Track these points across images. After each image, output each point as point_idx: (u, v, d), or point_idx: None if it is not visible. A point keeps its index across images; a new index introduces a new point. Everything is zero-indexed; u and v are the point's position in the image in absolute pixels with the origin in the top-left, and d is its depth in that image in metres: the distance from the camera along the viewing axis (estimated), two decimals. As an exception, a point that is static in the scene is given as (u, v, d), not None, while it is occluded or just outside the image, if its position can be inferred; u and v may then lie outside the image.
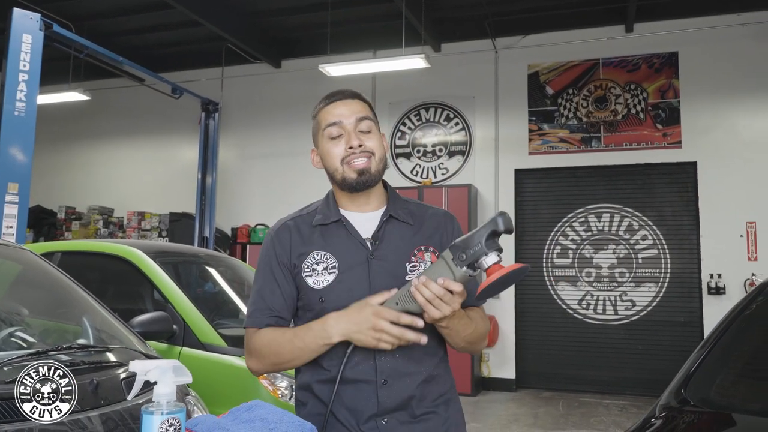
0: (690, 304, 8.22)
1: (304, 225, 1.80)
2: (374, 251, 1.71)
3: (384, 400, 1.64)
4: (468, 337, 1.68)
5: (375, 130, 1.78)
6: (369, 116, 1.78)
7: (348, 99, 1.79)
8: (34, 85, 5.90)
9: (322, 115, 1.80)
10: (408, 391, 1.65)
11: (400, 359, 1.66)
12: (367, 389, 1.64)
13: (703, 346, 2.12)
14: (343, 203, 1.82)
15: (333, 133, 1.75)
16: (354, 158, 1.72)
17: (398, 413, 1.65)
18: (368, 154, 1.73)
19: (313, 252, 1.73)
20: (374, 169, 1.74)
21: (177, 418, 1.11)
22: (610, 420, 6.96)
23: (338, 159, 1.74)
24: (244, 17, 9.32)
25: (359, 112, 1.76)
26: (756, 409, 1.87)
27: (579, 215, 8.82)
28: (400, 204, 1.82)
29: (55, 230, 10.85)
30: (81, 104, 10.35)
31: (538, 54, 9.06)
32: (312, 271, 1.71)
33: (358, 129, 1.74)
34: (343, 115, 1.75)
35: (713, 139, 8.27)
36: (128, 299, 4.36)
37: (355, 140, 1.72)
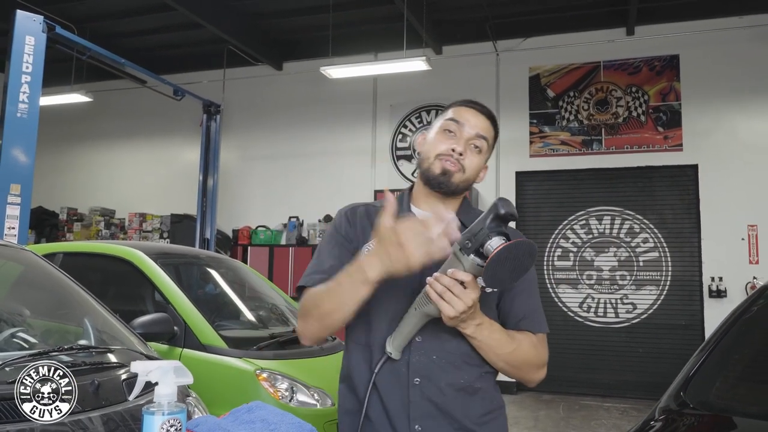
0: (691, 307, 8.22)
1: (374, 213, 1.78)
2: None
3: (415, 401, 1.61)
4: (506, 357, 1.63)
5: (483, 155, 1.76)
6: (488, 140, 1.76)
7: (484, 116, 1.77)
8: (36, 87, 5.91)
9: (453, 110, 1.78)
10: (442, 397, 1.62)
11: (437, 361, 1.63)
12: (399, 388, 1.62)
13: (702, 349, 2.12)
14: (417, 201, 1.80)
15: (449, 127, 1.74)
16: (447, 159, 1.70)
17: (434, 422, 1.61)
18: (460, 166, 1.71)
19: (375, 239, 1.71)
20: (457, 179, 1.71)
21: (178, 418, 1.12)
22: (610, 423, 6.96)
23: (436, 151, 1.73)
24: (246, 19, 9.34)
25: (484, 130, 1.75)
26: (755, 413, 1.87)
27: (580, 218, 8.82)
28: (472, 213, 1.79)
29: (56, 231, 10.86)
30: (83, 106, 10.37)
31: (539, 56, 9.06)
32: None
33: (471, 142, 1.73)
34: (469, 122, 1.74)
35: (714, 141, 8.27)
36: (129, 300, 4.36)
37: (460, 146, 1.70)
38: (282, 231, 9.84)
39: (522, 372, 1.68)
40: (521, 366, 1.67)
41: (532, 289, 1.75)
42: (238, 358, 3.70)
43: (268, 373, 3.62)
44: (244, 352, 3.74)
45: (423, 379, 1.62)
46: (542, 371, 1.71)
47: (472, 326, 1.55)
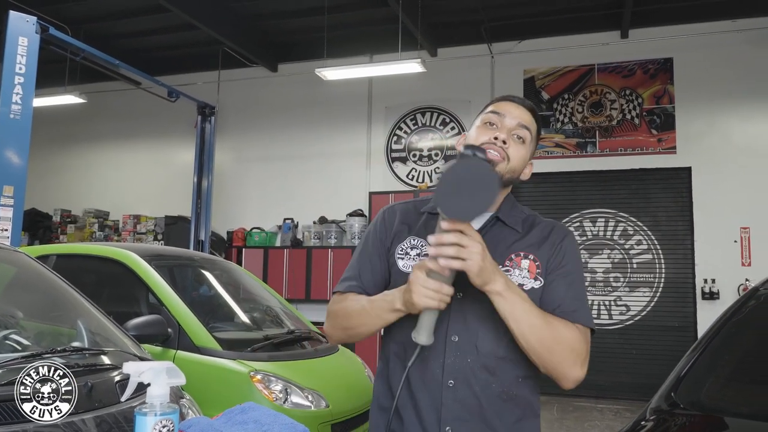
0: (684, 309, 8.24)
1: (413, 210, 1.79)
2: None
3: (448, 403, 1.58)
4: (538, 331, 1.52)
5: (528, 147, 1.71)
6: (530, 131, 1.71)
7: (523, 106, 1.74)
8: (29, 88, 5.90)
9: (494, 105, 1.75)
10: (476, 401, 1.58)
11: (472, 364, 1.59)
12: (432, 389, 1.60)
13: (693, 350, 2.13)
14: None
15: (490, 119, 1.71)
16: (490, 147, 1.64)
17: (465, 426, 1.58)
18: (504, 154, 1.66)
19: (411, 237, 1.72)
20: (501, 168, 1.65)
21: (170, 419, 1.12)
22: (604, 424, 6.98)
23: (478, 143, 1.66)
24: (241, 21, 9.33)
25: (525, 120, 1.71)
26: (745, 413, 1.88)
27: (574, 220, 8.84)
28: (514, 211, 1.76)
29: (50, 233, 10.83)
30: (77, 107, 10.35)
31: (534, 59, 9.09)
32: (405, 254, 1.70)
33: (514, 132, 1.69)
34: (510, 112, 1.70)
35: (708, 144, 8.30)
36: (123, 302, 4.36)
37: (503, 134, 1.66)
38: (277, 233, 9.83)
39: (556, 358, 1.58)
40: (555, 348, 1.56)
41: (575, 278, 1.67)
42: (233, 360, 3.70)
43: (263, 375, 3.62)
44: (238, 354, 3.74)
45: (457, 382, 1.59)
46: (581, 368, 1.63)
47: (500, 281, 1.47)
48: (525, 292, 1.56)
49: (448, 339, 1.60)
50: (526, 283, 1.63)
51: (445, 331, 1.59)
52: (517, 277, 1.62)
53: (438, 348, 1.59)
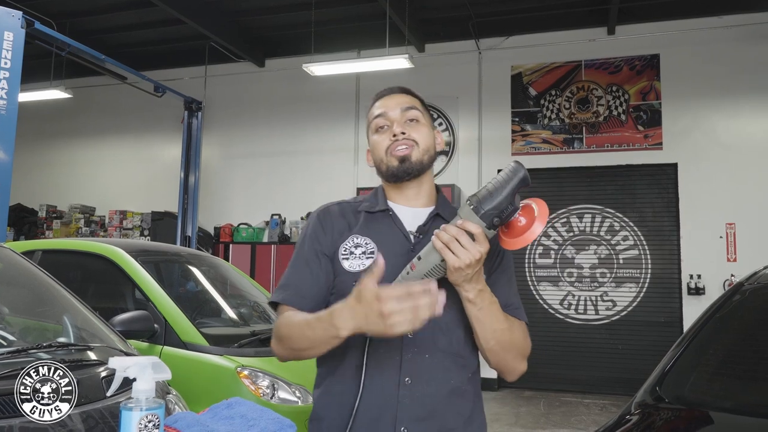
0: (670, 304, 8.30)
1: (348, 209, 1.75)
2: (416, 245, 1.64)
3: (405, 402, 1.55)
4: (501, 335, 1.56)
5: (424, 121, 1.74)
6: (417, 107, 1.74)
7: (395, 93, 1.77)
8: (15, 83, 5.85)
9: (371, 112, 1.77)
10: (432, 399, 1.57)
11: (429, 360, 1.57)
12: (388, 388, 1.55)
13: (678, 345, 2.15)
14: (392, 196, 1.76)
15: (379, 123, 1.72)
16: (396, 145, 1.67)
17: (420, 425, 1.55)
18: (411, 142, 1.67)
19: (353, 235, 1.67)
20: (415, 157, 1.67)
21: (156, 414, 1.12)
22: (590, 419, 7.02)
23: (383, 149, 1.69)
24: (228, 16, 9.29)
25: (406, 102, 1.74)
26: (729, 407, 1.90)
27: (561, 216, 8.88)
28: (449, 207, 1.76)
29: (35, 229, 10.77)
30: (63, 102, 10.28)
31: (521, 55, 9.11)
32: (350, 254, 1.65)
33: (406, 118, 1.71)
34: (388, 107, 1.72)
35: (694, 140, 8.36)
36: (109, 298, 4.34)
37: (398, 128, 1.68)
38: (264, 228, 9.81)
39: (509, 356, 1.62)
40: (510, 348, 1.60)
41: (512, 279, 1.72)
42: (219, 356, 3.69)
43: (249, 371, 3.62)
44: (225, 350, 3.74)
45: (414, 379, 1.56)
46: (525, 362, 1.67)
47: (475, 289, 1.49)
48: None
49: (405, 336, 1.55)
50: None
51: None
52: None
53: (395, 345, 1.56)
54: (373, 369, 1.56)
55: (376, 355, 1.55)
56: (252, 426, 1.36)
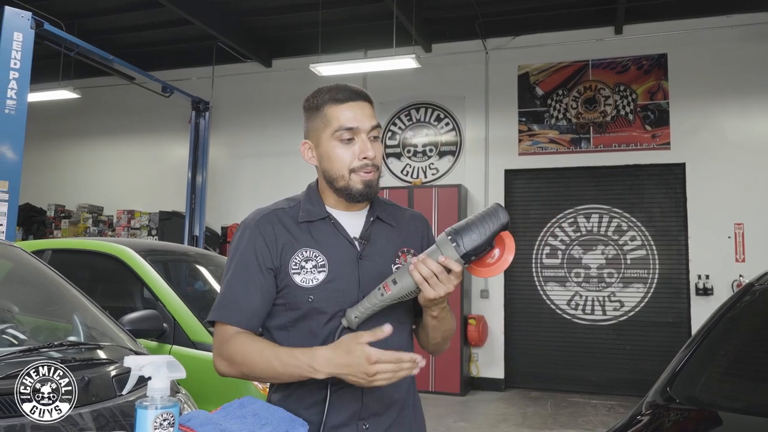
0: (678, 304, 8.27)
1: (288, 219, 1.68)
2: (362, 251, 1.65)
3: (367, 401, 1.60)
4: (447, 333, 1.71)
5: (380, 137, 1.72)
6: (379, 124, 1.71)
7: (362, 101, 1.70)
8: (24, 83, 5.89)
9: (333, 113, 1.68)
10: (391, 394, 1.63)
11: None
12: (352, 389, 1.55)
13: (689, 346, 2.15)
14: (328, 200, 1.73)
15: (344, 136, 1.65)
16: (365, 169, 1.64)
17: (378, 419, 1.62)
18: (375, 167, 1.66)
19: (302, 249, 1.63)
20: (376, 181, 1.68)
21: (171, 412, 1.13)
22: (597, 420, 7.01)
23: (346, 167, 1.64)
24: (235, 16, 9.31)
25: (372, 119, 1.68)
26: (740, 408, 1.90)
27: (568, 216, 8.86)
28: (382, 205, 1.78)
29: (44, 228, 10.81)
30: (71, 102, 10.32)
31: (528, 55, 9.10)
32: (300, 268, 1.61)
33: (372, 136, 1.67)
34: (360, 121, 1.65)
35: (702, 140, 8.33)
36: (118, 297, 4.36)
37: (371, 151, 1.64)
38: (271, 228, 9.80)
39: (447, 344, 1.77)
40: (449, 337, 1.75)
41: None
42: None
43: (258, 370, 3.62)
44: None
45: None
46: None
47: (439, 308, 1.58)
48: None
49: None
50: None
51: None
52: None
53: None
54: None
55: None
56: (264, 425, 1.37)
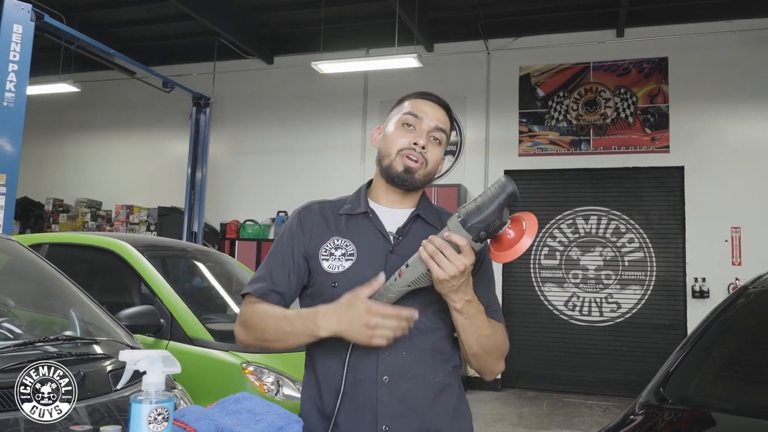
0: (674, 307, 8.29)
1: (330, 211, 1.76)
2: (395, 246, 1.66)
3: (384, 400, 1.55)
4: (485, 341, 1.60)
5: (443, 147, 1.75)
6: (446, 132, 1.74)
7: (441, 106, 1.75)
8: (23, 76, 5.88)
9: (410, 103, 1.75)
10: (412, 395, 1.57)
11: (407, 357, 1.58)
12: (367, 387, 1.56)
13: (683, 347, 2.16)
14: (376, 196, 1.79)
15: (409, 121, 1.71)
16: (411, 154, 1.68)
17: (402, 421, 1.56)
18: (424, 160, 1.68)
19: (334, 237, 1.69)
20: (419, 175, 1.69)
21: (166, 407, 1.13)
22: (593, 420, 7.02)
23: (397, 147, 1.70)
24: (237, 12, 9.31)
25: (442, 122, 1.73)
26: (732, 408, 1.91)
27: (567, 217, 8.87)
28: (431, 208, 1.78)
29: (42, 222, 10.80)
30: (71, 96, 10.31)
31: (530, 56, 9.10)
32: (329, 255, 1.67)
33: (431, 134, 1.70)
34: (427, 115, 1.71)
35: (701, 144, 8.34)
36: (116, 292, 4.36)
37: (422, 140, 1.68)
38: (270, 225, 9.82)
39: (490, 359, 1.66)
40: (492, 351, 1.65)
41: (491, 282, 1.75)
42: (225, 352, 3.71)
43: (255, 367, 3.63)
44: (230, 346, 3.75)
45: (392, 377, 1.57)
46: (503, 362, 1.71)
47: (462, 300, 1.51)
48: None
49: None
50: None
51: None
52: None
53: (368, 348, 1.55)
54: (351, 369, 1.58)
55: (354, 355, 1.57)
56: (259, 421, 1.37)
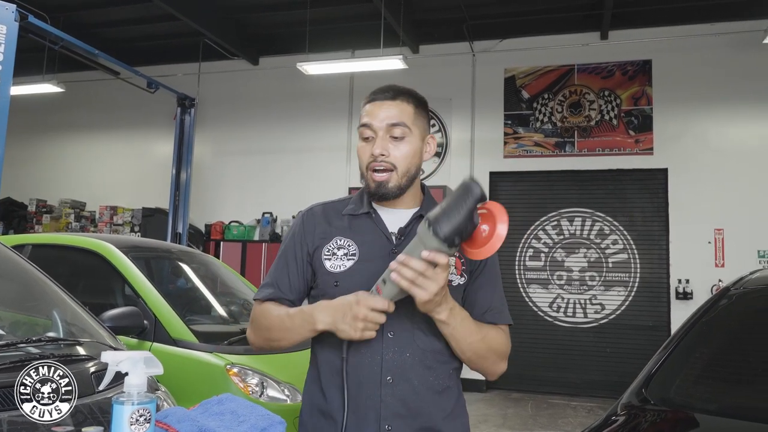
0: (658, 308, 8.35)
1: (333, 212, 1.78)
2: (397, 246, 1.66)
3: (387, 400, 1.58)
4: (476, 346, 1.61)
5: (410, 137, 1.68)
6: (403, 122, 1.67)
7: (387, 101, 1.69)
8: (7, 76, 5.83)
9: (363, 111, 1.73)
10: (414, 396, 1.60)
11: (410, 359, 1.61)
12: (370, 387, 1.59)
13: (665, 348, 2.17)
14: None
15: (364, 133, 1.70)
16: (375, 165, 1.66)
17: (403, 421, 1.58)
18: (390, 166, 1.65)
19: (336, 237, 1.72)
20: (393, 183, 1.66)
21: (147, 408, 1.13)
22: (577, 422, 7.05)
23: (364, 163, 1.69)
24: (222, 13, 9.28)
25: (393, 117, 1.67)
26: (714, 409, 1.92)
27: (552, 219, 8.91)
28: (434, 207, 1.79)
29: (25, 223, 10.72)
30: (55, 96, 10.24)
31: (515, 58, 9.14)
32: (332, 255, 1.69)
33: (390, 134, 1.67)
34: (374, 117, 1.67)
35: (684, 146, 8.41)
36: (99, 293, 4.33)
37: (378, 148, 1.65)
38: (255, 227, 9.80)
39: (487, 362, 1.67)
40: (487, 355, 1.65)
41: (496, 282, 1.74)
42: (209, 353, 3.69)
43: (239, 368, 3.62)
44: (214, 347, 3.74)
45: (395, 378, 1.59)
46: (505, 363, 1.71)
47: (445, 311, 1.51)
48: (453, 288, 1.62)
49: (385, 335, 1.60)
50: (454, 279, 1.67)
51: (381, 328, 1.57)
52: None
53: (375, 345, 1.60)
54: (355, 369, 1.60)
55: (358, 355, 1.60)
56: (242, 422, 1.37)
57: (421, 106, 1.75)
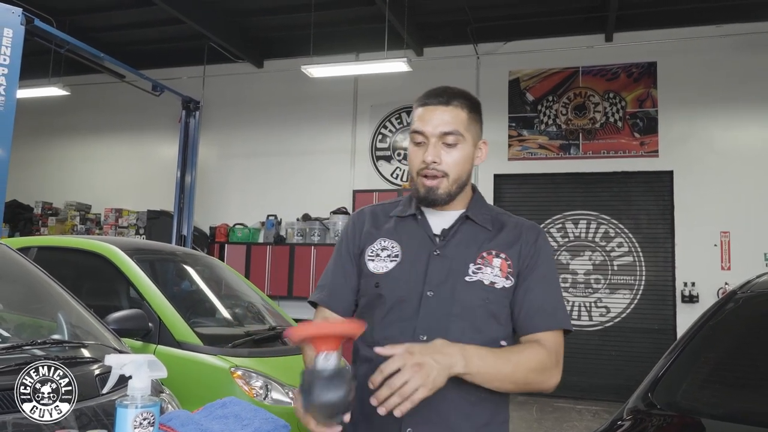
0: (664, 311, 8.32)
1: (381, 213, 1.79)
2: (440, 247, 1.65)
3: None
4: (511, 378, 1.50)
5: (463, 143, 1.65)
6: (457, 130, 1.63)
7: (440, 106, 1.65)
8: (13, 80, 5.83)
9: (415, 115, 1.69)
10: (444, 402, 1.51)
11: None
12: None
13: (671, 352, 2.16)
14: None
15: (416, 139, 1.67)
16: (427, 172, 1.64)
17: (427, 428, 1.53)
18: (441, 173, 1.63)
19: (381, 239, 1.72)
20: (443, 190, 1.64)
21: (151, 411, 1.12)
22: (582, 425, 7.03)
23: (415, 168, 1.67)
24: (227, 16, 9.30)
25: (447, 124, 1.63)
26: (721, 414, 1.91)
27: (556, 221, 8.89)
28: (483, 209, 1.75)
29: (31, 225, 10.74)
30: (60, 99, 10.26)
31: (519, 60, 9.13)
32: (375, 256, 1.70)
33: (442, 141, 1.64)
34: (429, 124, 1.64)
35: (690, 148, 8.38)
36: (104, 296, 4.33)
37: (430, 156, 1.62)
38: (260, 229, 9.81)
39: (533, 385, 1.57)
40: (529, 379, 1.55)
41: (551, 280, 1.68)
42: (213, 356, 3.69)
43: (243, 371, 3.62)
44: (219, 350, 3.74)
45: None
46: (555, 375, 1.61)
47: (459, 364, 1.41)
48: (497, 291, 1.59)
49: (416, 339, 1.55)
50: (498, 281, 1.62)
51: (413, 330, 1.55)
52: (489, 275, 1.61)
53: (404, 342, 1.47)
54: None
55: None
56: (246, 426, 1.36)
57: (475, 110, 1.72)
